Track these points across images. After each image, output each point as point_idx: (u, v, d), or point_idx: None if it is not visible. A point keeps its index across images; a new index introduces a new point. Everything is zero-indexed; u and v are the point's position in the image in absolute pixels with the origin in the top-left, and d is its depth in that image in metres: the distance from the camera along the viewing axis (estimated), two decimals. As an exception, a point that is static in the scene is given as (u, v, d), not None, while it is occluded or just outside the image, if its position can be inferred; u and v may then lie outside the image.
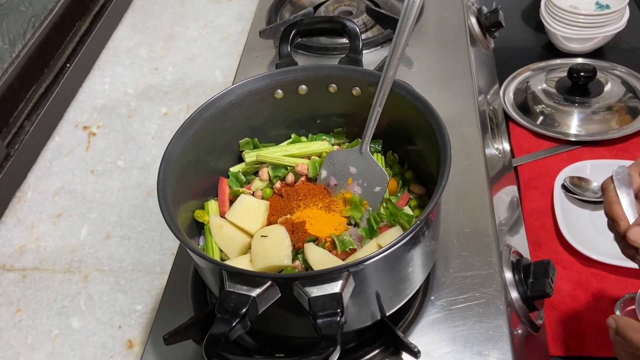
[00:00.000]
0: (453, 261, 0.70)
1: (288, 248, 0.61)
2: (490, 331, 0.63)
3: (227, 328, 0.48)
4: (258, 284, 0.50)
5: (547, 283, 0.68)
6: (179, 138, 0.64)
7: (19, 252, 0.89)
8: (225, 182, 0.72)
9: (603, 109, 1.06)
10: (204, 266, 0.58)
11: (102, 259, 0.87)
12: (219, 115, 0.68)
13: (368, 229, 0.64)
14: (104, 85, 1.16)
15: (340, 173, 0.69)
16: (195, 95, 1.11)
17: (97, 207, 0.94)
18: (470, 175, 0.79)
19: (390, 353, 0.63)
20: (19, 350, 0.77)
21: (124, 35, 1.28)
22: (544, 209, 0.94)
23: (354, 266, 0.50)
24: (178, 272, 0.75)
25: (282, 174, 0.71)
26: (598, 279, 0.83)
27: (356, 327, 0.60)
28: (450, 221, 0.73)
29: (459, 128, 0.84)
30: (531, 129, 1.06)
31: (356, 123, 0.72)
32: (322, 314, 0.48)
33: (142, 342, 0.76)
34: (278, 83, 0.71)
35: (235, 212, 0.68)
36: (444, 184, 0.55)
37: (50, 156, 1.03)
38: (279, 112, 0.73)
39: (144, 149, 1.02)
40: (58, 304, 0.82)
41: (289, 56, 0.79)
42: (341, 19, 0.80)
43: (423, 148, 0.67)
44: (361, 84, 0.69)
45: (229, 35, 1.24)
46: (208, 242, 0.67)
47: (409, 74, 0.96)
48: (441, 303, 0.66)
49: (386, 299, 0.58)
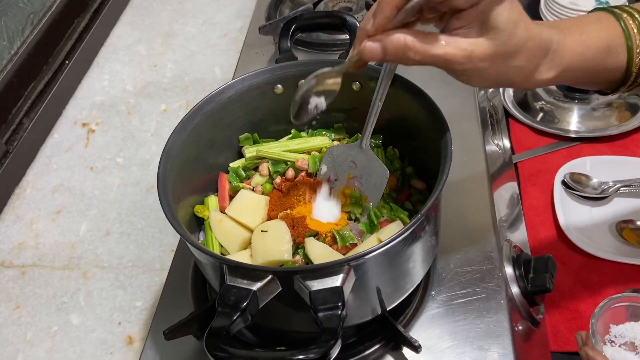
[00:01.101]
0: (453, 256, 0.69)
1: (288, 243, 0.61)
2: (490, 326, 0.63)
3: (228, 322, 0.48)
4: (259, 277, 0.50)
5: (547, 278, 0.68)
6: (178, 133, 0.64)
7: (18, 249, 0.89)
8: (225, 177, 0.71)
9: (603, 105, 1.06)
10: (205, 261, 0.58)
11: (101, 256, 0.86)
12: (219, 111, 0.68)
13: (368, 223, 0.64)
14: (103, 82, 1.16)
15: (340, 168, 0.69)
16: (195, 92, 1.11)
17: (96, 204, 0.94)
18: (470, 171, 0.79)
19: (391, 348, 0.63)
20: (18, 346, 0.77)
21: (122, 32, 1.27)
22: (544, 205, 0.94)
23: (355, 260, 0.50)
24: (178, 268, 0.75)
25: (282, 169, 0.71)
26: (598, 275, 0.83)
27: (357, 321, 0.60)
28: (451, 217, 0.73)
29: (459, 124, 0.84)
30: (531, 126, 1.06)
31: (356, 118, 0.71)
32: (323, 308, 0.48)
33: (142, 338, 0.75)
34: (278, 78, 0.70)
35: (235, 207, 0.67)
36: (444, 179, 0.55)
37: (49, 153, 1.03)
38: (279, 107, 0.73)
39: (143, 145, 1.02)
40: (57, 300, 0.82)
41: (288, 51, 0.78)
42: (341, 14, 0.80)
43: (423, 143, 0.67)
44: (361, 79, 0.69)
45: (228, 32, 1.24)
46: (208, 238, 0.66)
47: (409, 69, 0.94)
48: (442, 298, 0.66)
49: (387, 293, 0.58)
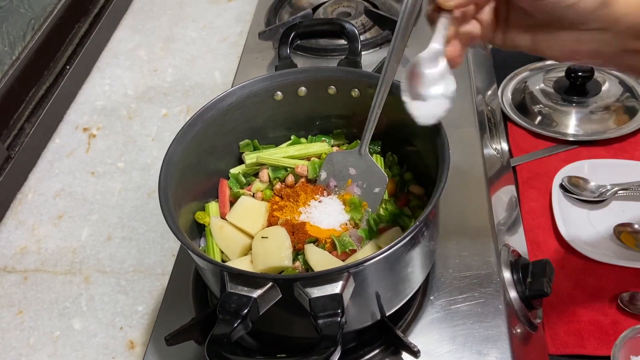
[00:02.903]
0: (452, 261, 0.70)
1: (288, 249, 0.62)
2: (489, 330, 0.63)
3: (228, 329, 0.48)
4: (259, 285, 0.50)
5: (545, 282, 0.68)
6: (179, 141, 0.64)
7: (20, 254, 0.89)
8: (225, 183, 0.72)
9: (601, 108, 1.07)
10: (205, 267, 0.58)
11: (103, 260, 0.87)
12: (219, 118, 0.69)
13: (368, 230, 0.65)
14: (104, 87, 1.16)
15: (339, 174, 0.69)
16: (195, 96, 1.11)
17: (97, 209, 0.94)
18: (468, 176, 0.79)
19: (390, 353, 0.63)
20: (20, 351, 0.78)
21: (123, 36, 1.28)
22: (543, 209, 0.94)
23: (354, 267, 0.51)
24: (179, 273, 0.76)
25: (282, 176, 0.71)
26: (596, 278, 0.84)
27: (356, 327, 0.60)
28: (449, 221, 0.73)
29: (458, 128, 0.84)
30: (529, 129, 1.06)
31: (355, 124, 0.72)
32: (323, 315, 0.48)
33: (144, 342, 0.76)
34: (278, 85, 0.71)
35: (236, 213, 0.68)
36: (442, 184, 0.55)
37: (51, 158, 1.04)
38: (278, 114, 0.73)
39: (144, 150, 1.03)
40: (59, 305, 0.82)
41: (288, 58, 0.79)
42: (340, 21, 0.80)
43: (422, 149, 0.68)
44: (360, 86, 0.70)
45: (228, 36, 1.24)
46: (209, 244, 0.67)
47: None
48: (440, 303, 0.66)
49: (386, 299, 0.59)
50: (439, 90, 0.55)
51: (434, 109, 0.56)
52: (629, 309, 0.79)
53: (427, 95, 0.55)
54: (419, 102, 0.55)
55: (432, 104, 0.55)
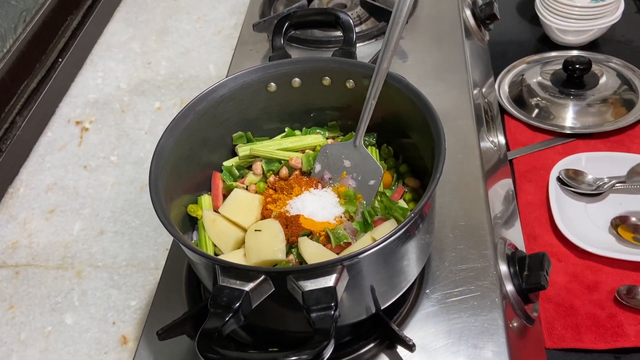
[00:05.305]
0: (448, 254, 0.69)
1: (282, 242, 0.61)
2: (485, 324, 0.63)
3: (220, 323, 0.47)
4: (251, 278, 0.49)
5: (542, 275, 0.68)
6: (171, 132, 0.63)
7: (12, 249, 0.88)
8: (218, 176, 0.71)
9: (598, 101, 1.06)
10: (197, 261, 0.57)
11: (95, 255, 0.86)
12: (212, 109, 0.68)
13: (362, 222, 0.64)
14: (97, 80, 1.15)
15: (334, 167, 0.68)
16: (189, 89, 1.10)
17: (90, 203, 0.93)
18: (465, 169, 0.79)
19: (386, 347, 0.63)
20: (12, 347, 0.77)
21: (116, 29, 1.27)
22: (539, 202, 0.94)
23: (348, 259, 0.50)
24: (172, 267, 0.75)
25: (275, 168, 0.71)
26: (593, 272, 0.83)
27: (351, 320, 0.60)
28: (445, 214, 0.72)
29: (454, 121, 0.84)
30: (526, 122, 1.06)
31: (350, 116, 0.71)
32: (316, 308, 0.47)
33: (136, 337, 0.75)
34: (271, 76, 0.70)
35: (229, 206, 0.67)
36: (438, 176, 0.55)
37: (43, 151, 1.03)
38: (272, 106, 0.72)
39: (138, 144, 1.02)
40: (51, 300, 0.81)
41: (282, 49, 0.78)
42: (335, 11, 0.79)
43: (417, 141, 0.67)
44: (355, 77, 0.69)
45: (222, 29, 1.23)
46: (201, 237, 0.66)
47: (404, 67, 0.95)
48: (436, 296, 0.66)
49: (381, 292, 0.58)
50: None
51: None
52: (626, 302, 0.78)
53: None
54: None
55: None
